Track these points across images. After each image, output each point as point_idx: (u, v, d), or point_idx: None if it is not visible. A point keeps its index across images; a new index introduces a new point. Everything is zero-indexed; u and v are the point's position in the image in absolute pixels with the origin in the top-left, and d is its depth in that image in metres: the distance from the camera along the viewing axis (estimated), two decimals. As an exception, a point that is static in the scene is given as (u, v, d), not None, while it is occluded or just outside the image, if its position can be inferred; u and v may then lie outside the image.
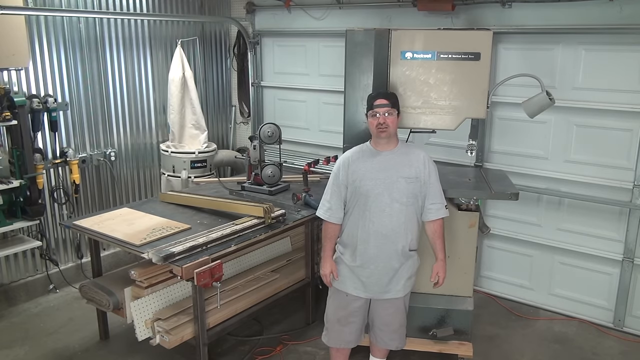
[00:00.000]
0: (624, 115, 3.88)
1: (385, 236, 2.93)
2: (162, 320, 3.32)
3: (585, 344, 3.99)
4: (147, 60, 5.24)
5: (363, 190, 2.92)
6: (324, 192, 3.10)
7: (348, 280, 3.05)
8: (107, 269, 4.45)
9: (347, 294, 3.07)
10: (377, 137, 2.95)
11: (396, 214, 2.91)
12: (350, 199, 2.98)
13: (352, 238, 3.00)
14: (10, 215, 4.18)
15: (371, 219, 2.92)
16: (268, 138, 4.34)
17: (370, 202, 2.91)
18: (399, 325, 3.20)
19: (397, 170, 2.93)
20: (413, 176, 2.93)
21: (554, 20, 4.00)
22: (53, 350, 3.87)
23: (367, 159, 2.97)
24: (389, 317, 3.14)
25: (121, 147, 5.15)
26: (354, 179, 2.94)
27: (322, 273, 3.11)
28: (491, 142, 4.50)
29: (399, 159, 2.96)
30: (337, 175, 3.01)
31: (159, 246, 3.24)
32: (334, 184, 3.02)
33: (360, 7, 4.93)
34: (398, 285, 3.04)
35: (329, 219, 3.04)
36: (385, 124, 2.88)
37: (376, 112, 2.89)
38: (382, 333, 3.20)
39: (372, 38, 3.37)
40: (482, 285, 4.76)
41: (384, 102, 2.90)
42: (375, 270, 2.98)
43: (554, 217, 4.31)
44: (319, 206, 3.11)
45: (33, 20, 4.32)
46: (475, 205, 3.50)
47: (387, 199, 2.90)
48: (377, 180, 2.91)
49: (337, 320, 3.16)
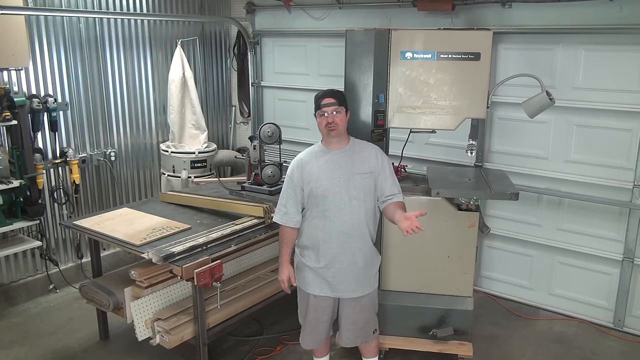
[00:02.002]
0: (624, 115, 3.88)
1: (347, 234, 2.91)
2: (162, 320, 3.32)
3: (585, 344, 3.99)
4: (147, 60, 5.24)
5: (320, 191, 2.89)
6: (279, 197, 3.06)
7: (313, 282, 3.03)
8: (107, 269, 4.45)
9: (315, 296, 3.04)
10: (327, 136, 2.92)
11: (356, 210, 2.90)
12: (308, 200, 2.95)
13: (313, 240, 2.97)
14: (10, 215, 4.18)
15: (331, 218, 2.89)
16: (268, 138, 4.33)
17: (329, 201, 2.88)
18: (365, 322, 3.16)
19: (351, 167, 2.91)
20: (367, 171, 2.92)
21: (554, 20, 4.00)
22: (53, 350, 3.87)
23: (320, 158, 2.94)
24: (355, 315, 3.10)
25: (121, 147, 5.15)
26: (309, 180, 2.91)
27: (279, 279, 3.06)
28: (491, 142, 4.50)
29: (351, 156, 2.94)
30: (292, 178, 2.97)
31: (159, 246, 3.24)
32: (289, 187, 2.97)
33: (360, 7, 4.93)
34: (364, 282, 3.03)
35: (287, 223, 2.99)
36: (334, 123, 2.85)
37: (324, 112, 2.86)
38: (349, 332, 3.16)
39: (372, 38, 3.36)
40: (482, 285, 4.76)
41: (331, 100, 2.87)
42: (340, 269, 2.96)
43: (554, 217, 4.31)
44: (275, 211, 3.06)
45: (33, 20, 4.32)
46: (475, 205, 3.50)
47: (345, 196, 2.88)
48: (333, 179, 2.88)
49: (309, 322, 3.14)
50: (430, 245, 3.53)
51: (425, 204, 3.51)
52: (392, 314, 3.60)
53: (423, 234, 3.45)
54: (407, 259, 3.60)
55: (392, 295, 3.66)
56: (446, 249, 3.53)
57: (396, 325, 3.61)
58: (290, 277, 3.04)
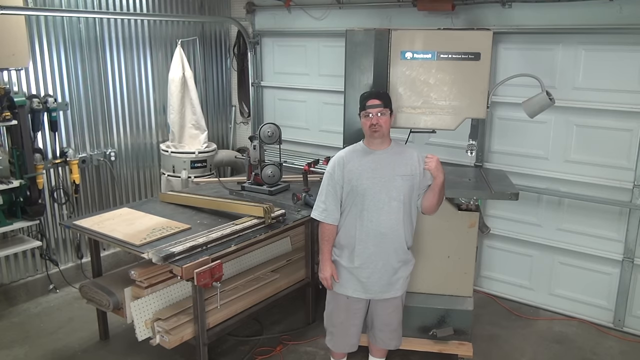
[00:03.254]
0: (624, 115, 3.88)
1: (384, 235, 2.92)
2: (162, 320, 3.32)
3: (585, 344, 3.99)
4: (147, 60, 5.24)
5: (360, 189, 2.90)
6: (318, 193, 3.07)
7: (347, 282, 3.03)
8: (107, 269, 4.45)
9: (348, 297, 3.05)
10: (370, 137, 2.93)
11: (394, 212, 2.91)
12: (347, 198, 2.95)
13: (349, 239, 2.98)
14: (10, 215, 4.18)
15: (369, 218, 2.91)
16: (268, 138, 4.34)
17: (368, 201, 2.89)
18: (398, 324, 3.20)
19: (393, 168, 2.92)
20: (409, 174, 2.93)
21: (554, 20, 4.00)
22: (53, 350, 3.87)
23: (362, 158, 2.95)
24: (388, 316, 3.13)
25: (121, 147, 5.15)
26: (350, 177, 2.92)
27: (321, 277, 3.06)
28: (491, 142, 4.50)
29: (393, 158, 2.95)
30: (332, 175, 2.97)
31: (159, 246, 3.24)
32: (329, 184, 2.98)
33: (360, 7, 4.93)
34: (397, 284, 3.04)
35: (325, 219, 3.00)
36: (378, 125, 2.86)
37: (369, 113, 2.87)
38: (382, 333, 3.19)
39: (372, 38, 3.37)
40: (482, 285, 4.76)
41: (376, 102, 2.88)
42: (375, 270, 2.97)
43: (554, 217, 4.31)
44: (314, 207, 3.06)
45: (33, 20, 4.32)
46: (475, 205, 3.50)
47: (384, 197, 2.89)
48: (374, 178, 2.89)
49: (340, 324, 3.14)
50: (430, 245, 3.53)
51: (425, 204, 3.52)
52: (392, 314, 3.60)
53: (423, 234, 3.47)
54: (407, 259, 3.60)
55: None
56: (446, 249, 3.53)
57: (396, 325, 3.61)
58: (334, 274, 3.03)
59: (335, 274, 3.03)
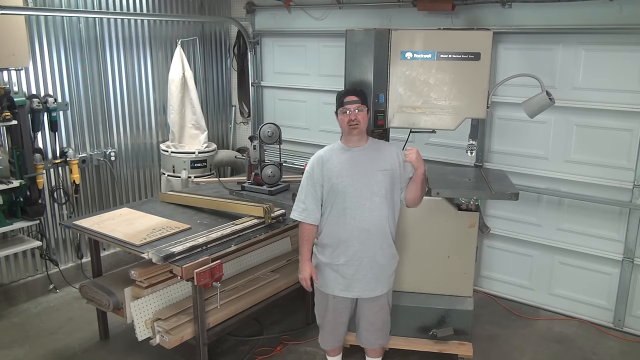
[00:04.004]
0: (624, 115, 3.88)
1: (368, 231, 2.91)
2: (162, 320, 3.32)
3: (585, 344, 3.99)
4: (147, 60, 5.24)
5: (341, 187, 2.89)
6: (297, 194, 3.04)
7: (332, 281, 3.02)
8: (107, 269, 4.45)
9: (335, 296, 3.04)
10: (348, 134, 2.93)
11: (377, 207, 2.90)
12: (327, 197, 2.94)
13: (332, 238, 2.96)
14: (10, 215, 4.18)
15: (352, 215, 2.89)
16: (268, 138, 4.34)
17: (349, 198, 2.89)
18: (383, 323, 3.18)
19: (372, 164, 2.92)
20: (388, 168, 2.93)
21: (554, 20, 4.00)
22: (53, 350, 3.87)
23: (341, 155, 2.94)
24: (374, 315, 3.12)
25: (121, 147, 5.15)
26: (330, 176, 2.91)
27: (300, 277, 3.04)
28: (491, 142, 4.50)
29: (372, 154, 2.95)
30: (312, 174, 2.96)
31: (159, 246, 3.24)
32: (309, 183, 2.97)
33: (360, 7, 4.93)
34: (383, 281, 3.03)
35: (305, 219, 2.97)
36: (356, 120, 2.86)
37: (347, 109, 2.87)
38: (367, 332, 3.18)
39: (372, 38, 3.36)
40: (482, 285, 4.76)
41: (354, 98, 2.88)
42: (360, 267, 2.95)
43: (554, 217, 4.31)
44: (294, 208, 3.03)
45: (33, 20, 4.32)
46: (475, 205, 3.50)
47: (366, 193, 2.88)
48: (354, 175, 2.89)
49: (328, 322, 3.15)
50: (430, 245, 3.53)
51: (425, 204, 3.50)
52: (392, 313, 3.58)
53: (423, 234, 3.47)
54: (407, 259, 3.60)
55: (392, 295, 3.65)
56: (446, 249, 3.53)
57: (396, 325, 3.60)
58: (312, 275, 3.02)
59: (314, 274, 3.02)
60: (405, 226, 3.54)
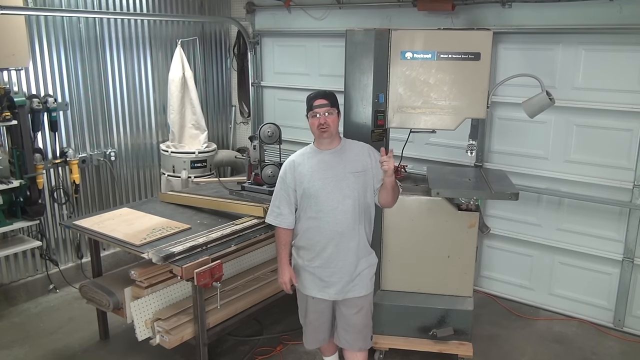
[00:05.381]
0: (624, 115, 3.88)
1: (342, 234, 2.89)
2: (162, 320, 3.32)
3: (585, 344, 3.99)
4: (147, 60, 5.24)
5: (313, 191, 2.87)
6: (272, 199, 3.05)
7: (310, 283, 3.01)
8: (107, 269, 4.45)
9: (313, 297, 3.04)
10: (319, 137, 2.91)
11: (349, 210, 2.87)
12: (301, 202, 2.94)
13: (308, 241, 2.96)
14: (10, 215, 4.18)
15: (325, 219, 2.88)
16: (268, 138, 4.33)
17: (322, 201, 2.87)
18: (363, 326, 3.09)
19: (344, 166, 2.89)
20: (360, 170, 2.90)
21: (554, 20, 4.00)
22: (53, 350, 3.87)
23: (312, 159, 2.93)
24: (352, 317, 3.05)
25: (121, 147, 5.15)
26: (302, 180, 2.90)
27: (280, 281, 3.04)
28: (491, 142, 4.50)
29: (343, 156, 2.92)
30: (284, 179, 2.96)
31: (159, 246, 3.24)
32: (282, 188, 2.97)
33: (360, 7, 4.93)
34: (360, 283, 2.99)
35: (280, 224, 2.98)
36: (326, 124, 2.84)
37: (316, 113, 2.85)
38: (346, 334, 3.10)
39: (372, 38, 3.36)
40: (482, 285, 4.76)
41: (323, 102, 2.86)
42: (336, 269, 2.93)
43: (554, 217, 4.31)
44: (269, 212, 3.05)
45: (33, 20, 4.32)
46: (475, 205, 3.50)
47: (338, 196, 2.86)
48: (325, 179, 2.87)
49: (310, 323, 3.13)
50: (430, 245, 3.53)
51: (425, 204, 3.52)
52: (392, 314, 3.59)
53: (423, 234, 3.47)
54: (407, 259, 3.61)
55: (392, 295, 3.66)
56: (446, 249, 3.53)
57: (396, 326, 3.61)
58: (292, 278, 3.03)
59: (294, 277, 3.02)
60: (405, 226, 3.55)
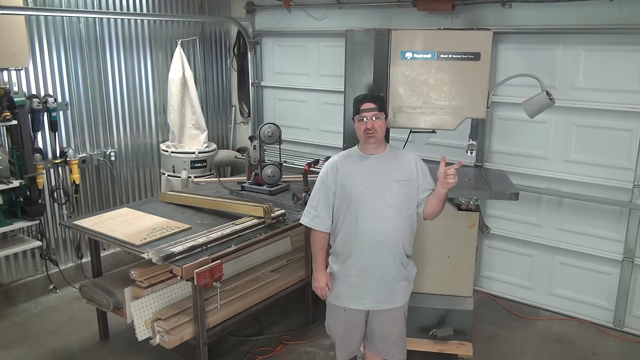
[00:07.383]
0: (624, 115, 3.88)
1: (380, 243, 2.76)
2: (162, 320, 3.32)
3: (585, 344, 3.99)
4: (147, 60, 5.24)
5: (354, 196, 2.75)
6: (309, 199, 2.93)
7: (344, 294, 2.88)
8: (107, 269, 4.45)
9: (345, 309, 2.91)
10: (365, 142, 2.79)
11: (390, 219, 2.75)
12: (340, 205, 2.81)
13: (344, 247, 2.83)
14: (10, 215, 4.18)
15: (364, 226, 2.75)
16: (268, 138, 4.34)
17: (362, 207, 2.74)
18: (399, 337, 3.02)
19: (388, 173, 2.78)
20: (405, 178, 2.79)
21: (554, 20, 4.00)
22: (53, 350, 3.87)
23: (357, 163, 2.81)
24: (388, 328, 2.97)
25: (121, 147, 5.15)
26: (344, 183, 2.78)
27: (315, 286, 2.92)
28: (491, 142, 4.50)
29: (389, 162, 2.81)
30: (325, 180, 2.83)
31: (159, 246, 3.24)
32: (321, 189, 2.84)
33: (360, 7, 4.93)
34: (396, 294, 2.88)
35: (316, 227, 2.85)
36: (373, 129, 2.71)
37: (363, 117, 2.73)
38: (383, 345, 3.02)
39: (372, 38, 3.36)
40: (482, 285, 4.76)
41: (371, 105, 2.74)
42: (372, 279, 2.81)
43: (554, 217, 4.31)
44: (304, 213, 2.92)
45: (33, 20, 4.32)
46: (475, 205, 3.50)
47: (379, 204, 2.74)
48: (369, 184, 2.75)
49: (340, 336, 3.03)
50: (430, 245, 3.53)
51: (425, 204, 3.51)
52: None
53: (423, 234, 3.46)
54: (407, 259, 3.60)
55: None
56: (446, 249, 3.53)
57: (396, 325, 3.61)
58: (328, 283, 2.89)
59: (330, 283, 2.89)
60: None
